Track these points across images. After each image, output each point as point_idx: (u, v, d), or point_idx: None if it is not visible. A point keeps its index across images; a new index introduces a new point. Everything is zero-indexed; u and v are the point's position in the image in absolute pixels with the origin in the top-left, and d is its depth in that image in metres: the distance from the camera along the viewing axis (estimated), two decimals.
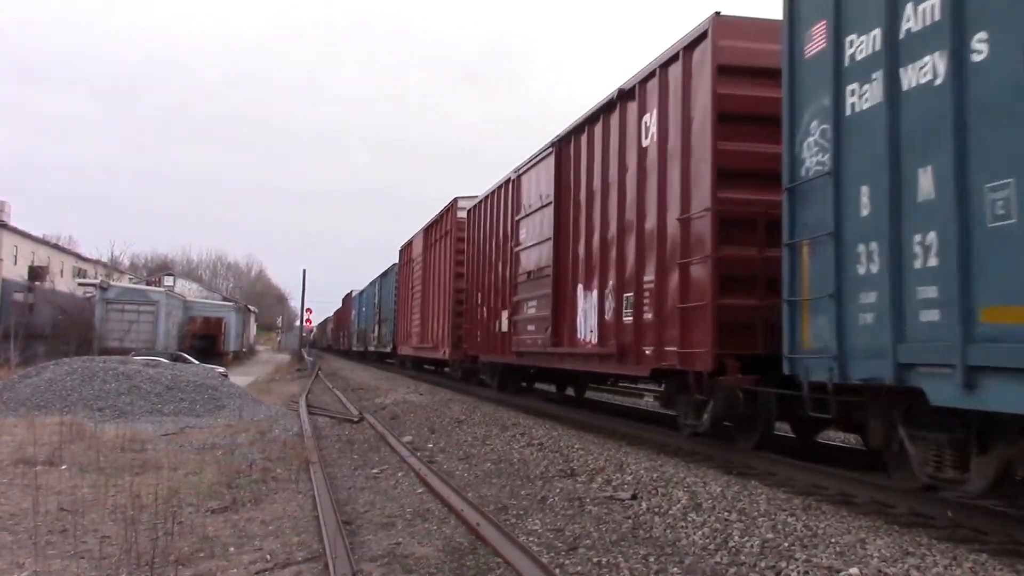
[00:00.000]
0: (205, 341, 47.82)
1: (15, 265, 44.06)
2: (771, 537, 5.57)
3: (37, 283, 42.41)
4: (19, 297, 38.18)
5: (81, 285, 49.71)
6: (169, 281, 67.73)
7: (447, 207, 21.81)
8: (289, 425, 14.48)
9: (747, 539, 5.57)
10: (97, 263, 63.60)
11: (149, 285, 57.15)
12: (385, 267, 36.31)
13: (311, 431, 13.34)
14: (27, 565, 5.77)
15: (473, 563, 5.42)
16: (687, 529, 6.00)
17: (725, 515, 6.23)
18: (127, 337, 39.61)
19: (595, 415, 13.28)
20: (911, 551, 5.11)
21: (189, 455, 11.09)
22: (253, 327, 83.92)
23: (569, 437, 10.82)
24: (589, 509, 6.84)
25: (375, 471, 9.45)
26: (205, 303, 58.03)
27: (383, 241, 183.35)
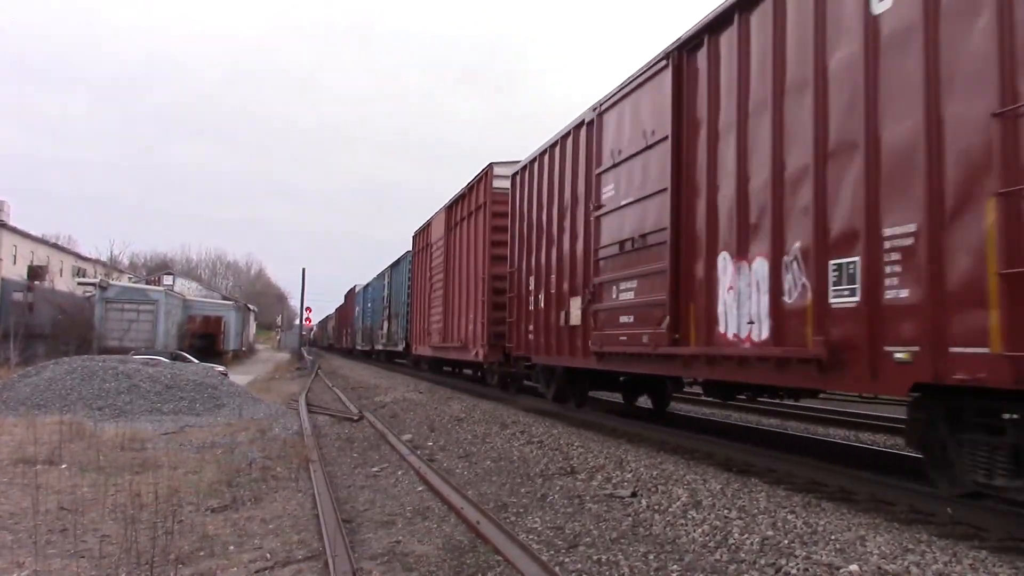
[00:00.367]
0: (205, 340, 47.83)
1: (14, 264, 44.09)
2: (771, 534, 5.57)
3: (36, 282, 42.42)
4: (19, 297, 38.17)
5: (81, 284, 49.76)
6: (168, 280, 67.82)
7: (479, 176, 17.67)
8: (289, 424, 14.50)
9: (747, 536, 5.58)
10: (96, 262, 63.62)
11: (148, 284, 57.18)
12: (386, 265, 34.33)
13: (311, 429, 13.35)
14: (27, 564, 5.78)
15: (473, 561, 5.42)
16: (687, 527, 6.00)
17: (725, 512, 6.24)
18: (127, 336, 39.62)
19: (595, 414, 13.27)
20: (911, 548, 5.11)
21: (189, 454, 11.09)
22: (252, 326, 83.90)
23: (569, 435, 10.81)
24: (589, 507, 6.85)
25: (375, 469, 9.46)
26: (204, 302, 58.02)
27: (383, 240, 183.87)
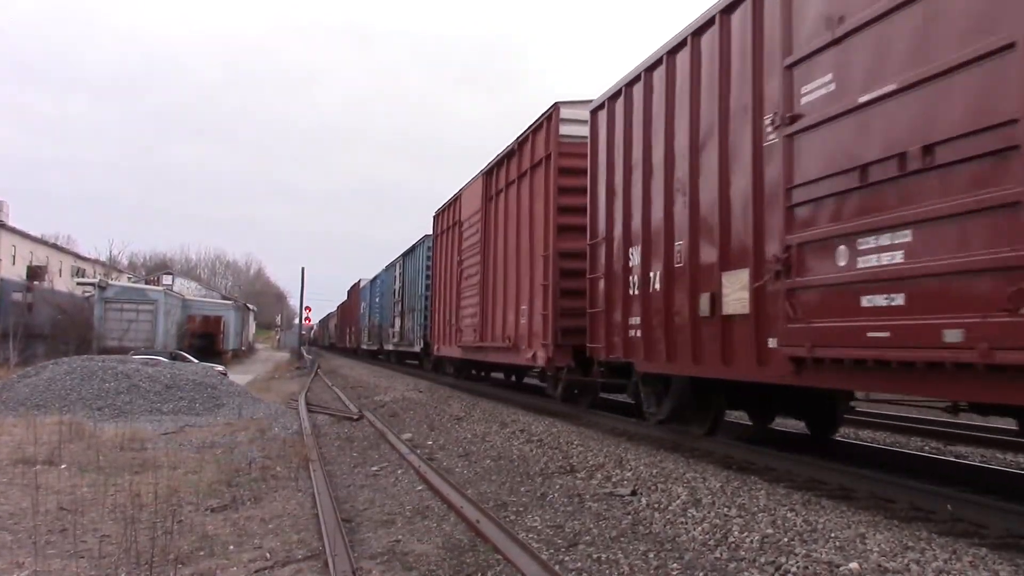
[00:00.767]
0: (204, 340, 47.77)
1: (13, 265, 44.11)
2: (771, 532, 5.57)
3: (36, 282, 42.39)
4: (18, 297, 38.09)
5: (80, 284, 49.76)
6: (168, 280, 67.85)
7: (538, 122, 13.49)
8: (288, 423, 14.49)
9: (747, 534, 5.57)
10: (96, 262, 63.59)
11: (148, 284, 57.12)
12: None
13: (310, 429, 13.34)
14: (27, 564, 5.77)
15: (473, 560, 5.42)
16: (687, 525, 6.00)
17: (725, 511, 6.23)
18: (126, 336, 39.56)
19: (595, 412, 13.25)
20: (911, 545, 5.11)
21: (188, 454, 11.08)
22: (252, 326, 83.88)
23: (568, 434, 10.80)
24: (589, 505, 6.84)
25: (375, 469, 9.45)
26: (204, 302, 57.96)
27: (383, 240, 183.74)
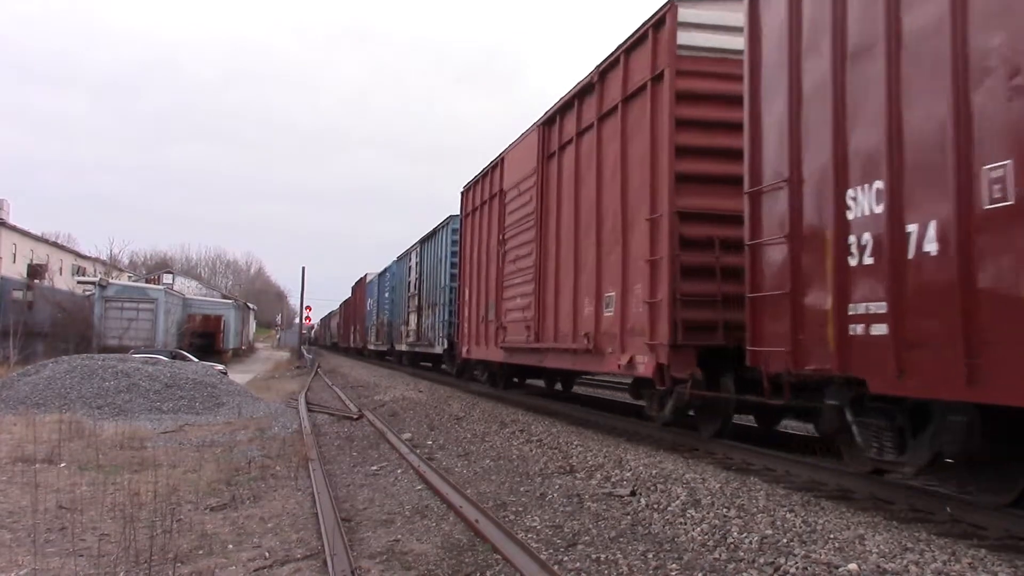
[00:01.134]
0: (204, 339, 47.72)
1: (14, 263, 44.08)
2: (770, 533, 5.57)
3: (36, 281, 42.39)
4: (18, 295, 38.11)
5: (80, 283, 49.67)
6: (168, 279, 67.82)
7: (641, 31, 9.55)
8: (288, 422, 14.49)
9: (746, 535, 5.57)
10: (96, 261, 63.52)
11: (148, 283, 57.10)
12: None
13: (310, 428, 13.34)
14: (26, 563, 5.77)
15: (472, 560, 5.42)
16: (686, 525, 6.00)
17: (724, 511, 6.23)
18: (126, 335, 39.51)
19: (594, 412, 13.26)
20: (910, 547, 5.11)
21: (188, 452, 11.08)
22: (252, 325, 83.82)
23: (568, 434, 10.81)
24: (588, 505, 6.84)
25: (374, 468, 9.45)
26: (204, 301, 57.92)
27: (383, 240, 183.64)
